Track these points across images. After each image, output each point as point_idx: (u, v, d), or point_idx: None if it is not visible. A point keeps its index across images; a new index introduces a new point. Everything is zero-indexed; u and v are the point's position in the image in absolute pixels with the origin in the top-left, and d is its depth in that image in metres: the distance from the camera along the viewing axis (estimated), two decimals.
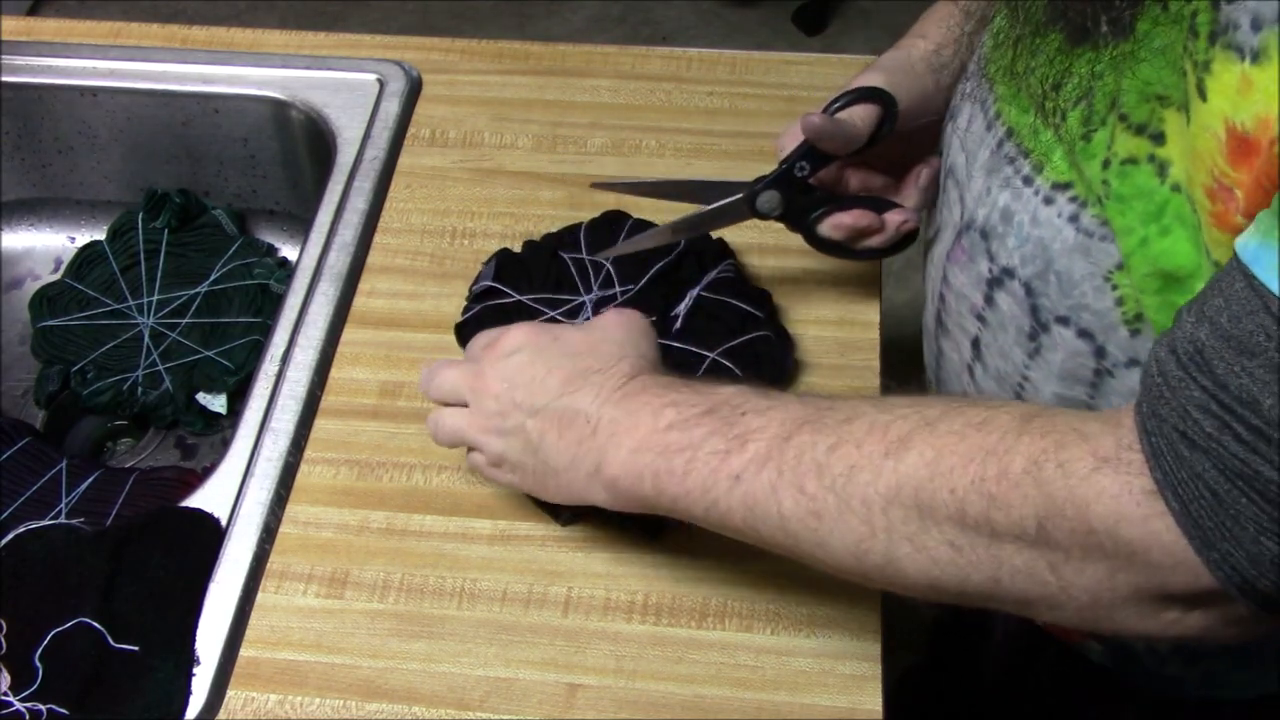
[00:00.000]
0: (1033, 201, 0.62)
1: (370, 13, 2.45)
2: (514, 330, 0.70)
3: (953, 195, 0.71)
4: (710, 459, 0.60)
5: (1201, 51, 0.50)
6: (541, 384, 0.67)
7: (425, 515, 0.76)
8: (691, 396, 0.63)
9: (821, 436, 0.57)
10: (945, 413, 0.55)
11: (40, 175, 1.07)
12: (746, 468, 0.59)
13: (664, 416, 0.63)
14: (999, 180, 0.65)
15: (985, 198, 0.66)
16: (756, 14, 2.38)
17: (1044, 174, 0.62)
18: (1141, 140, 0.55)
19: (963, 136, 0.70)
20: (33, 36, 1.05)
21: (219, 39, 1.04)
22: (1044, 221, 0.62)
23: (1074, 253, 0.61)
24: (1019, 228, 0.63)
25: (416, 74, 1.01)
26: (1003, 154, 0.65)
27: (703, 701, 0.68)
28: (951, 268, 0.71)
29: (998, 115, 0.65)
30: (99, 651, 0.70)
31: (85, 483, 0.87)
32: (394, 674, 0.69)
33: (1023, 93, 0.63)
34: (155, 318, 1.01)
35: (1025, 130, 0.63)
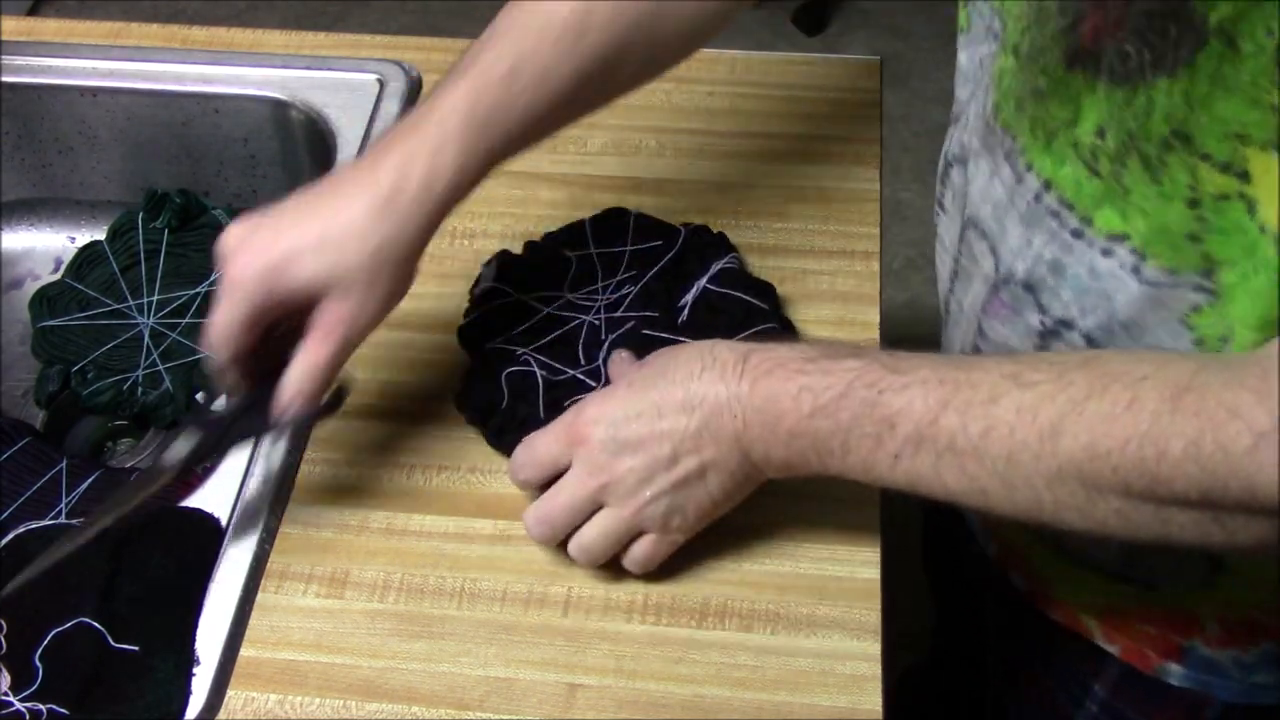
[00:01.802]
0: (1087, 254, 0.62)
1: (370, 13, 2.45)
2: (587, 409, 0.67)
3: (978, 248, 0.70)
4: (863, 441, 0.61)
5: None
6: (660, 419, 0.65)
7: (425, 515, 0.76)
8: (820, 378, 0.62)
9: (969, 420, 0.57)
10: (1090, 391, 0.55)
11: (40, 175, 1.07)
12: (902, 449, 0.60)
13: (803, 402, 0.62)
14: (1042, 234, 0.64)
15: (1025, 250, 0.65)
16: (756, 14, 2.37)
17: (1095, 226, 0.61)
18: (1229, 178, 0.54)
19: (983, 188, 0.69)
20: (33, 36, 1.05)
21: (219, 39, 1.04)
22: (1104, 273, 0.61)
23: (1142, 301, 0.60)
24: (1074, 280, 0.63)
25: (416, 74, 1.01)
26: (1043, 207, 0.63)
27: (703, 701, 0.68)
28: (989, 321, 0.70)
29: (1028, 167, 0.64)
30: (99, 651, 0.70)
31: (85, 483, 0.86)
32: (394, 674, 0.69)
33: (1058, 142, 0.62)
34: (155, 318, 1.01)
35: (1066, 183, 0.62)
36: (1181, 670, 0.75)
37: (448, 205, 0.69)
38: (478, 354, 0.82)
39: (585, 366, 0.80)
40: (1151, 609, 0.74)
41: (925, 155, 2.13)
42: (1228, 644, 0.73)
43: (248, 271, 0.67)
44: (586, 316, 0.82)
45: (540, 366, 0.79)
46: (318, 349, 0.68)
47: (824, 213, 0.91)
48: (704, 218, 0.88)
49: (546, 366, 0.79)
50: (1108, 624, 0.76)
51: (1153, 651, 0.75)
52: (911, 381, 0.60)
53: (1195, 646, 0.74)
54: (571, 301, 0.83)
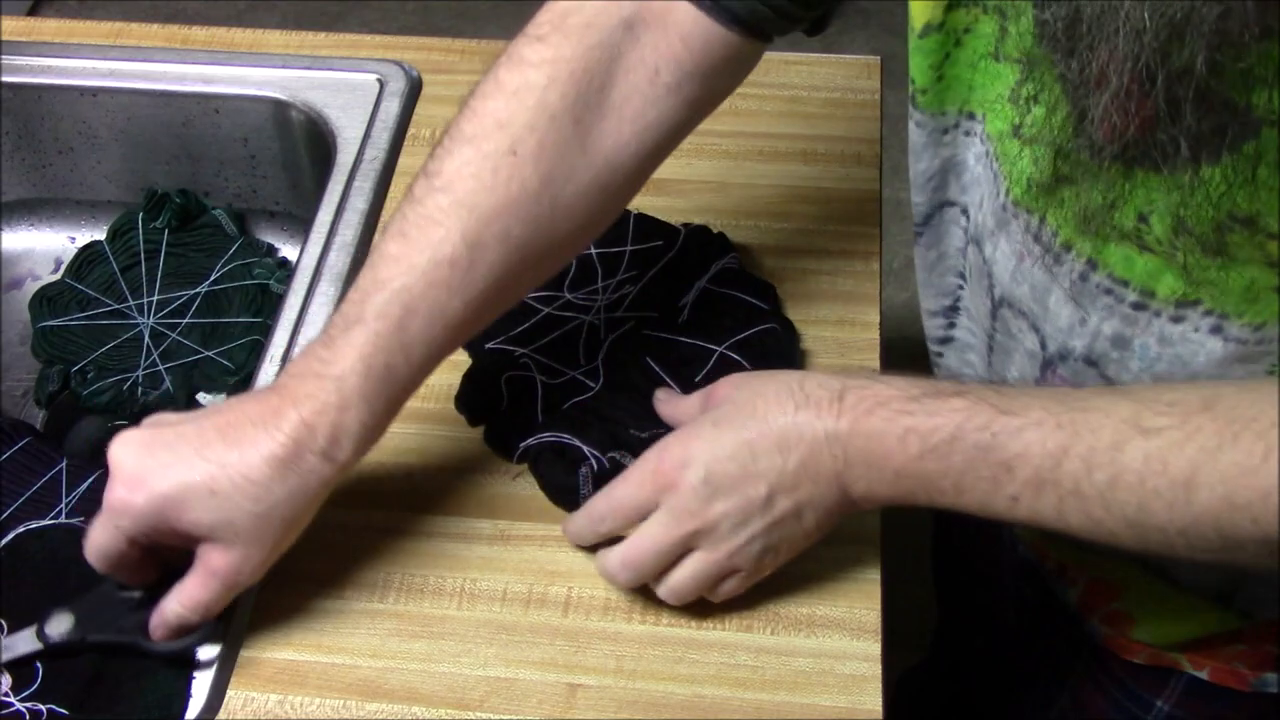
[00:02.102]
0: (1155, 323, 0.61)
1: (370, 13, 2.45)
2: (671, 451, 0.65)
3: (1016, 325, 0.69)
4: (979, 483, 0.59)
5: None
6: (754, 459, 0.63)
7: (425, 515, 0.76)
8: (926, 419, 0.60)
9: (1094, 468, 0.56)
10: (1220, 441, 0.53)
11: (40, 175, 1.07)
12: (1022, 491, 0.58)
13: (910, 444, 0.60)
14: (1098, 310, 0.63)
15: (1080, 328, 0.64)
16: None
17: (1158, 297, 0.60)
18: None
19: (1013, 270, 0.67)
20: (33, 36, 1.05)
21: (219, 39, 1.04)
22: (1177, 339, 0.60)
23: (1226, 361, 0.59)
24: (1142, 350, 0.62)
25: (416, 74, 1.01)
26: (1092, 285, 0.62)
27: (703, 701, 0.68)
28: None
29: (1066, 248, 0.62)
30: (99, 652, 0.70)
31: (85, 483, 0.86)
32: (394, 674, 0.69)
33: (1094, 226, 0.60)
34: (155, 318, 1.01)
35: (1115, 260, 0.60)
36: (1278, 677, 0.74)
37: (351, 463, 0.65)
38: (477, 354, 0.82)
39: (584, 367, 0.80)
40: (1245, 629, 0.73)
41: None
42: None
43: (134, 502, 0.63)
44: (586, 317, 0.82)
45: (539, 369, 0.79)
46: (197, 590, 0.65)
47: (824, 213, 0.91)
48: (704, 218, 0.88)
49: (546, 368, 0.79)
50: (1197, 653, 0.75)
51: (1246, 667, 0.74)
52: (1026, 424, 0.58)
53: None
54: (571, 302, 0.83)
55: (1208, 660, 0.75)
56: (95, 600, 0.70)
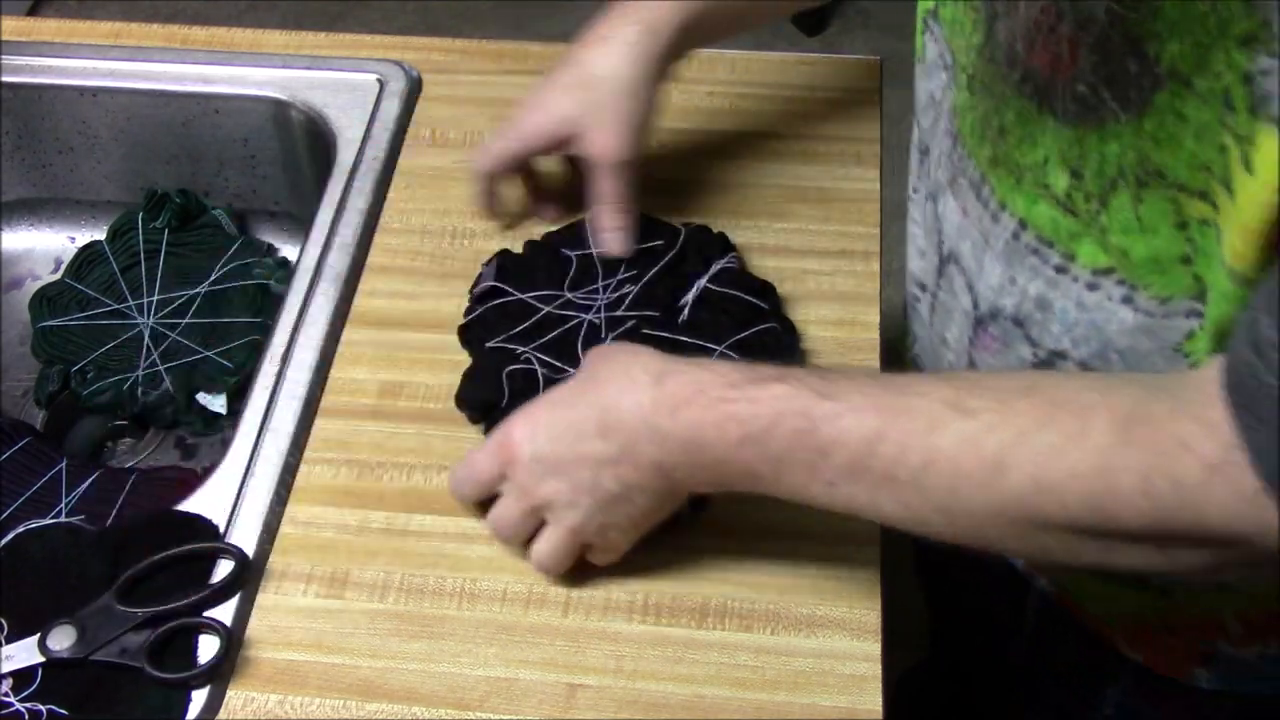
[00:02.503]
0: (1073, 289, 0.61)
1: (370, 13, 2.45)
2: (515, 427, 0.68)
3: (957, 282, 0.70)
4: (796, 469, 0.60)
5: (1244, 125, 0.49)
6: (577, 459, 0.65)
7: (425, 515, 0.76)
8: (746, 406, 0.60)
9: (908, 452, 0.56)
10: (1036, 422, 0.53)
11: (40, 175, 1.07)
12: (838, 476, 0.58)
13: (728, 432, 0.61)
14: (1024, 271, 0.63)
15: (1010, 287, 0.65)
16: None
17: (1078, 262, 0.60)
18: (1206, 205, 0.54)
19: (959, 225, 0.68)
20: (33, 36, 1.05)
21: (219, 39, 1.04)
22: (1093, 306, 0.61)
23: (1136, 332, 0.60)
24: (1062, 313, 0.62)
25: (416, 74, 1.01)
26: (1022, 245, 0.63)
27: (703, 701, 0.68)
28: (979, 353, 0.70)
29: (1002, 206, 0.63)
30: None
31: (85, 483, 0.87)
32: (394, 674, 0.69)
33: (1025, 182, 0.61)
34: (155, 318, 1.01)
35: (1043, 221, 0.61)
36: (1208, 674, 0.74)
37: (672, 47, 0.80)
38: (478, 352, 0.82)
39: None
40: (1170, 616, 0.74)
41: None
42: (1251, 641, 0.72)
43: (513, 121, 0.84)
44: (587, 315, 0.82)
45: (540, 365, 0.79)
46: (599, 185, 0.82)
47: (824, 213, 0.91)
48: (704, 218, 0.88)
49: (547, 365, 0.79)
50: (1130, 633, 0.76)
51: (1179, 659, 0.75)
52: (844, 409, 0.58)
53: (1220, 648, 0.73)
54: (572, 301, 0.83)
55: (1141, 644, 0.76)
56: (98, 615, 0.70)
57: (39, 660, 0.68)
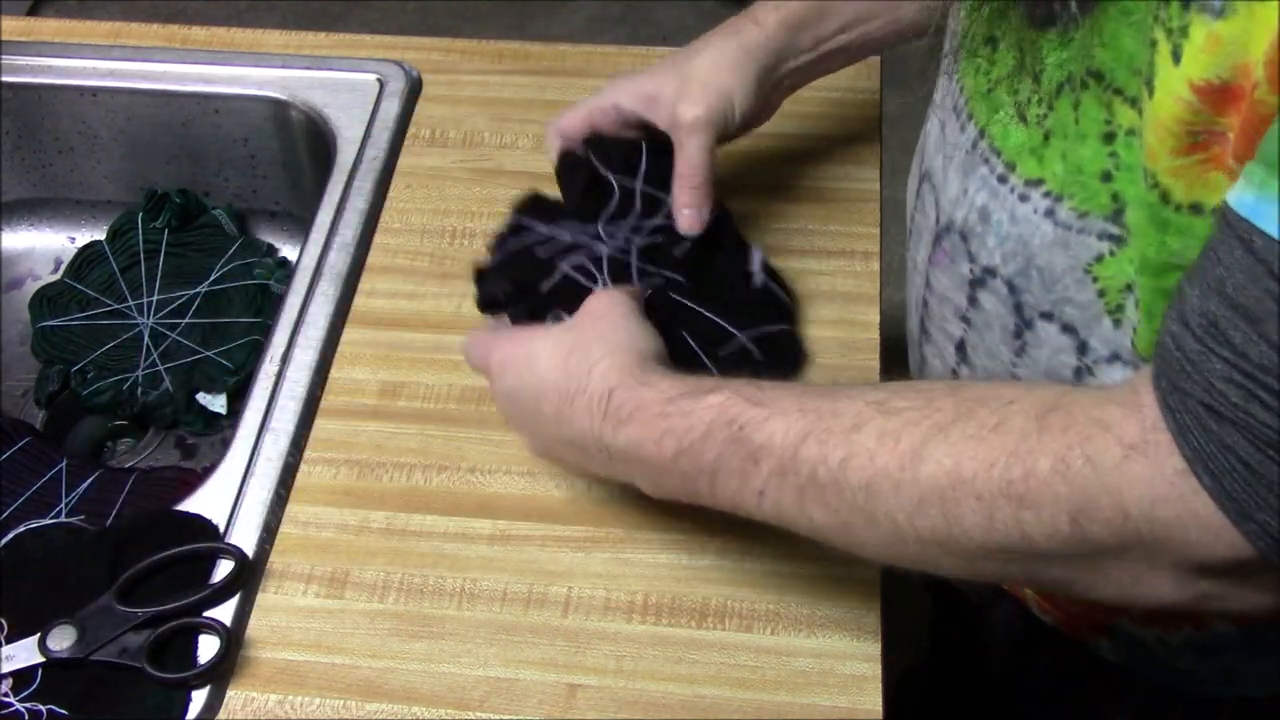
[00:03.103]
0: (1009, 199, 0.62)
1: (370, 13, 2.45)
2: (495, 357, 0.71)
3: (929, 200, 0.71)
4: (729, 480, 0.60)
5: (1176, 18, 0.49)
6: (537, 420, 0.69)
7: (425, 515, 0.76)
8: (681, 420, 0.61)
9: (830, 449, 0.56)
10: (956, 415, 0.53)
11: (40, 175, 1.07)
12: (767, 483, 0.59)
13: (666, 447, 0.62)
14: (975, 181, 0.65)
15: (962, 199, 0.66)
16: None
17: (1016, 172, 0.61)
18: (1134, 112, 0.54)
19: (936, 139, 0.70)
20: (33, 36, 1.05)
21: (219, 39, 1.04)
22: (1022, 219, 0.62)
23: (1054, 247, 0.60)
24: (998, 226, 0.63)
25: (416, 74, 1.01)
26: (977, 154, 0.64)
27: (703, 701, 0.68)
28: (934, 271, 0.71)
29: (970, 116, 0.65)
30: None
31: (85, 483, 0.87)
32: (394, 674, 0.69)
33: (997, 91, 0.62)
34: (155, 318, 1.01)
35: (996, 130, 0.63)
36: (1110, 645, 0.75)
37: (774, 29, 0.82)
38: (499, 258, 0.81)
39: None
40: None
41: None
42: (1151, 624, 0.72)
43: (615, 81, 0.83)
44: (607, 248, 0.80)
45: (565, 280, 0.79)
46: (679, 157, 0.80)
47: (824, 213, 0.91)
48: None
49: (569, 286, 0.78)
50: (1041, 597, 0.77)
51: (1084, 626, 0.75)
52: (773, 414, 0.58)
53: (1120, 625, 0.74)
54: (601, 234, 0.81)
55: (1052, 608, 0.76)
56: (98, 615, 0.70)
57: (39, 660, 0.68)
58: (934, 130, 0.71)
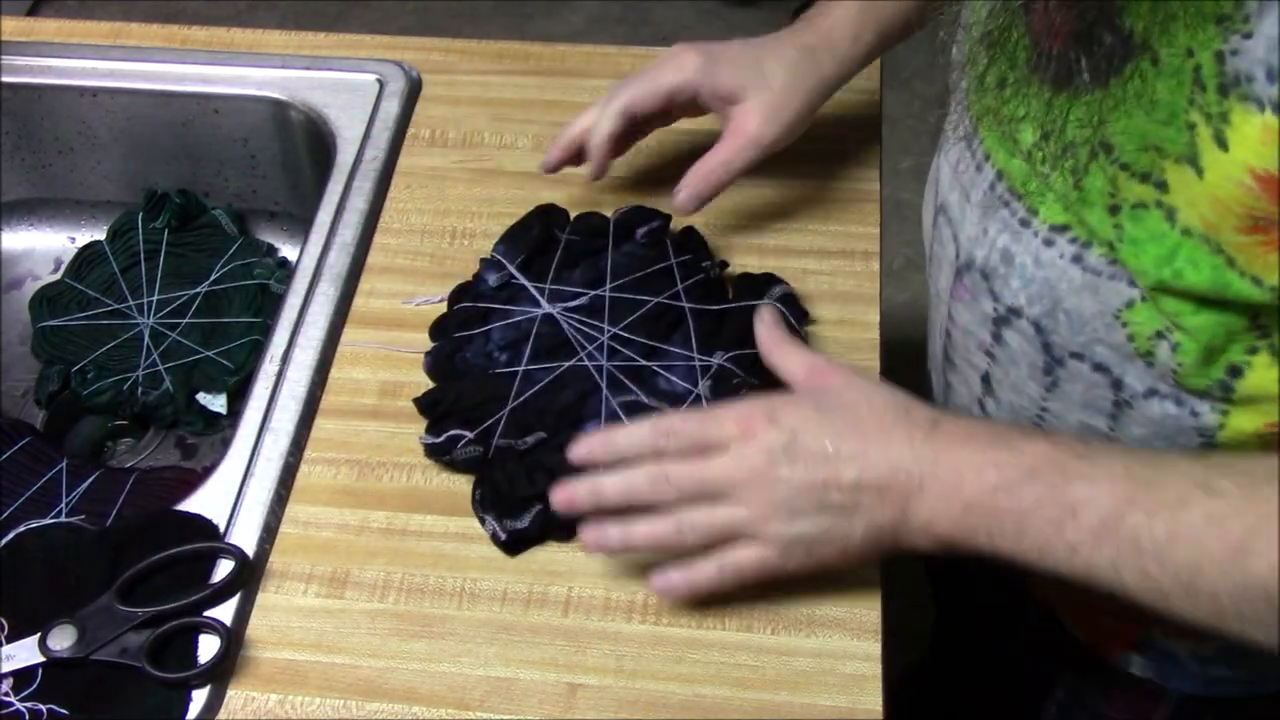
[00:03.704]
0: (1033, 243, 0.62)
1: (370, 13, 2.45)
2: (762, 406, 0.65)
3: (945, 233, 0.71)
4: (1044, 526, 0.59)
5: (1214, 104, 0.50)
6: (835, 449, 0.63)
7: (425, 515, 0.76)
8: (1010, 455, 0.60)
9: (1156, 521, 0.56)
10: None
11: (40, 175, 1.07)
12: (1082, 541, 0.58)
13: (987, 477, 0.60)
14: (996, 222, 0.65)
15: (982, 238, 0.66)
16: (756, 14, 2.38)
17: (1040, 217, 0.62)
18: (1147, 187, 0.55)
19: (954, 173, 0.70)
20: (33, 36, 1.05)
21: (219, 39, 1.04)
22: (1047, 263, 0.62)
23: (1082, 291, 0.61)
24: (1021, 269, 0.64)
25: (416, 74, 1.01)
26: (996, 195, 0.65)
27: (703, 701, 0.68)
28: (956, 305, 0.71)
29: (986, 157, 0.65)
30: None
31: (85, 483, 0.87)
32: (394, 674, 0.69)
33: (1008, 139, 0.63)
34: (155, 318, 1.01)
35: (1016, 175, 0.63)
36: (1142, 660, 0.76)
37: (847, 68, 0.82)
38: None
39: None
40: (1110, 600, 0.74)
41: (925, 155, 2.12)
42: (1184, 636, 0.73)
43: (688, 55, 0.81)
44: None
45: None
46: (725, 150, 0.80)
47: (824, 213, 0.91)
48: (704, 218, 0.88)
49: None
50: (1074, 612, 0.77)
51: (1114, 643, 0.76)
52: (1101, 474, 0.58)
53: (1153, 637, 0.74)
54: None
55: (1084, 624, 0.77)
56: (98, 614, 0.70)
57: (39, 660, 0.68)
58: (946, 164, 0.71)
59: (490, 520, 0.73)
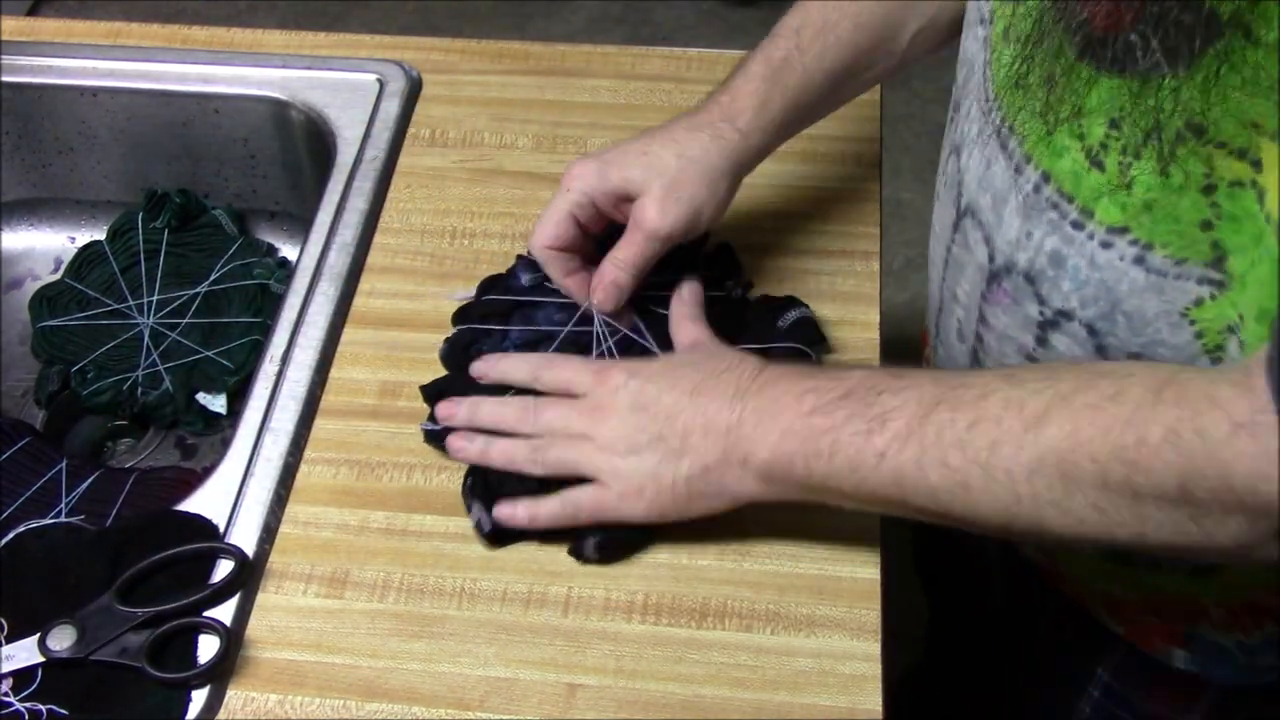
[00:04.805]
0: (1088, 246, 0.62)
1: (370, 13, 2.45)
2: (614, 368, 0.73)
3: (974, 236, 0.70)
4: (854, 439, 0.62)
5: None
6: (672, 396, 0.70)
7: (425, 515, 0.76)
8: (827, 381, 0.65)
9: (959, 414, 0.60)
10: (1078, 386, 0.57)
11: (40, 175, 1.07)
12: (890, 445, 0.61)
13: (805, 401, 0.65)
14: (1042, 225, 0.64)
15: (1025, 242, 0.65)
16: (756, 14, 2.38)
17: (1095, 219, 0.61)
18: (1244, 164, 0.55)
19: (980, 177, 0.69)
20: (33, 36, 1.05)
21: (219, 39, 1.04)
22: (1104, 265, 0.62)
23: (1145, 293, 0.61)
24: (1074, 271, 0.63)
25: (416, 74, 1.01)
26: (1042, 198, 0.64)
27: (703, 701, 0.68)
28: (991, 309, 0.70)
29: (1027, 159, 0.64)
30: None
31: (85, 483, 0.87)
32: (394, 674, 0.69)
33: (1059, 134, 0.62)
34: (155, 318, 1.01)
35: (1065, 175, 0.62)
36: (1186, 654, 0.76)
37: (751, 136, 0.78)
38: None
39: None
40: (1153, 597, 0.74)
41: (925, 155, 2.13)
42: (1232, 628, 0.73)
43: (586, 166, 0.78)
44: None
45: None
46: (627, 249, 0.77)
47: (824, 213, 0.91)
48: None
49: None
50: (1112, 610, 0.77)
51: (1157, 638, 0.76)
52: (910, 384, 0.62)
53: (1200, 633, 0.74)
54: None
55: (1123, 620, 0.77)
56: (98, 615, 0.70)
57: (39, 660, 0.68)
58: (974, 166, 0.70)
59: (477, 508, 0.74)
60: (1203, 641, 0.74)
